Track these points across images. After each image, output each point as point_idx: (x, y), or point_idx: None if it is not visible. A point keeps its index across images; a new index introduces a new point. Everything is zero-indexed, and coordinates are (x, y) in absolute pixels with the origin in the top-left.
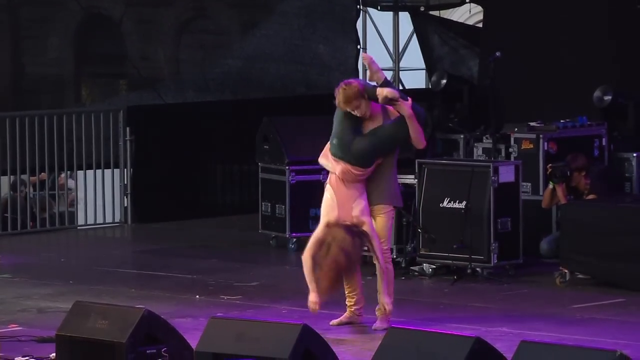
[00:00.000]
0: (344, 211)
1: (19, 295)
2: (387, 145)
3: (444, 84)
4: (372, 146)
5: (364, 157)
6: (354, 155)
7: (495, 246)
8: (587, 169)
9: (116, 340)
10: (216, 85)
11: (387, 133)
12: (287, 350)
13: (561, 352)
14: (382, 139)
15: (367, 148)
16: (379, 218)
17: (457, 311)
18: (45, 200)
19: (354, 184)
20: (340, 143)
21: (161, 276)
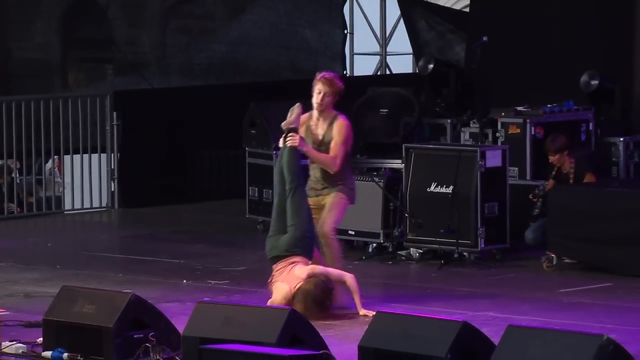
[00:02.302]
0: (290, 279)
1: (6, 280)
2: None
3: (430, 68)
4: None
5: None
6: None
7: (482, 231)
8: (569, 148)
9: (103, 325)
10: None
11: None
12: (275, 335)
13: (548, 336)
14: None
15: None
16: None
17: (444, 296)
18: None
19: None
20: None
21: (148, 261)
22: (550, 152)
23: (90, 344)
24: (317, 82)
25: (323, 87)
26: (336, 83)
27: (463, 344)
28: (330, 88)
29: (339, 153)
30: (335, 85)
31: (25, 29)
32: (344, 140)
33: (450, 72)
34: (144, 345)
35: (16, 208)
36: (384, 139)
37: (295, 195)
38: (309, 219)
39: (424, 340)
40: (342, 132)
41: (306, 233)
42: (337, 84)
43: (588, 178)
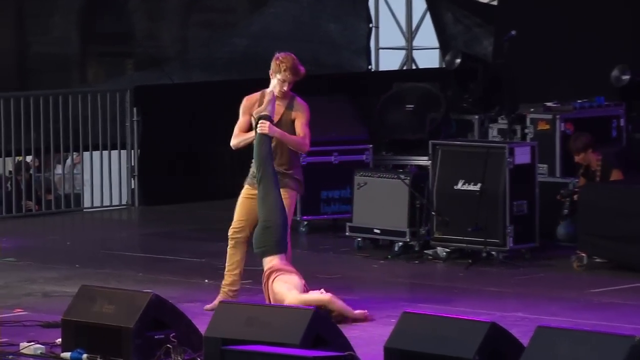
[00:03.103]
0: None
1: (24, 279)
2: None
3: (458, 63)
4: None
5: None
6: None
7: (510, 229)
8: (593, 145)
9: (123, 325)
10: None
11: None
12: (298, 336)
13: (578, 337)
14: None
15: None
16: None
17: (472, 296)
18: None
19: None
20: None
21: (169, 260)
22: (574, 151)
23: (109, 344)
24: (283, 72)
25: (289, 77)
26: (301, 72)
27: (491, 345)
28: (296, 78)
29: (307, 133)
30: (300, 74)
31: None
32: (308, 121)
33: (478, 66)
34: (165, 346)
35: (34, 206)
36: (409, 135)
37: (261, 184)
38: (278, 211)
39: (451, 341)
40: (305, 113)
41: (279, 229)
42: (302, 72)
43: (615, 175)
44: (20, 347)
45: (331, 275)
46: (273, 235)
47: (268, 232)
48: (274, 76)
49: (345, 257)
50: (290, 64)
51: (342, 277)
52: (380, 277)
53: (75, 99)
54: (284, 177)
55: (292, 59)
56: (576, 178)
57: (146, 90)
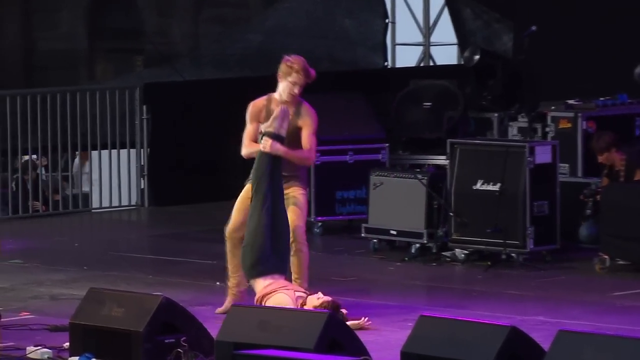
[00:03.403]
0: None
1: (31, 281)
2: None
3: (476, 59)
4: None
5: None
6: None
7: (531, 231)
8: (616, 145)
9: (132, 329)
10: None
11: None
12: (312, 340)
13: (601, 341)
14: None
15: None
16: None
17: (491, 299)
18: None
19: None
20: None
21: (179, 262)
22: (597, 151)
23: (118, 349)
24: (295, 73)
25: (301, 80)
26: (312, 74)
27: (511, 350)
28: (307, 80)
29: (313, 145)
30: (311, 77)
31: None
32: (315, 130)
33: (497, 63)
34: (176, 350)
35: (41, 206)
36: (427, 134)
37: (253, 201)
38: (259, 233)
39: (469, 345)
40: (312, 122)
41: (257, 251)
42: (313, 75)
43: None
44: (26, 352)
45: (346, 277)
46: (248, 258)
47: (245, 255)
48: (283, 79)
49: (360, 259)
50: (301, 65)
51: (358, 279)
52: (396, 280)
53: (83, 96)
54: (291, 178)
55: (303, 60)
56: (599, 178)
57: (156, 88)
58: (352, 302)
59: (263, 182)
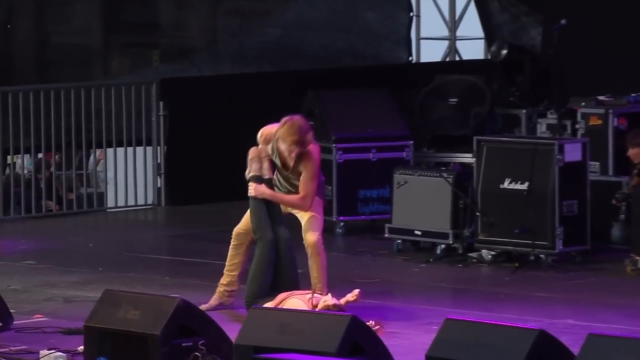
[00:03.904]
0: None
1: (44, 283)
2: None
3: (504, 54)
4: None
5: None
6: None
7: (560, 231)
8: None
9: (149, 332)
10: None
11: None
12: (334, 344)
13: (632, 345)
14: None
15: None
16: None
17: (519, 302)
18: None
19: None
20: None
21: (197, 263)
22: (630, 145)
23: (134, 352)
24: (290, 145)
25: (296, 149)
26: (308, 142)
27: (539, 354)
28: (302, 149)
29: (309, 191)
30: (306, 145)
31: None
32: (314, 175)
33: (525, 58)
34: (193, 354)
35: (55, 205)
36: (452, 131)
37: (258, 247)
38: (253, 282)
39: (496, 349)
40: (312, 166)
41: (254, 292)
42: (309, 141)
43: None
44: (40, 355)
45: (369, 279)
46: (249, 290)
47: (247, 287)
48: (281, 140)
49: (384, 260)
50: (297, 137)
51: (381, 281)
52: (421, 282)
53: (97, 92)
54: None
55: (299, 128)
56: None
57: (173, 83)
58: (375, 304)
59: (264, 227)
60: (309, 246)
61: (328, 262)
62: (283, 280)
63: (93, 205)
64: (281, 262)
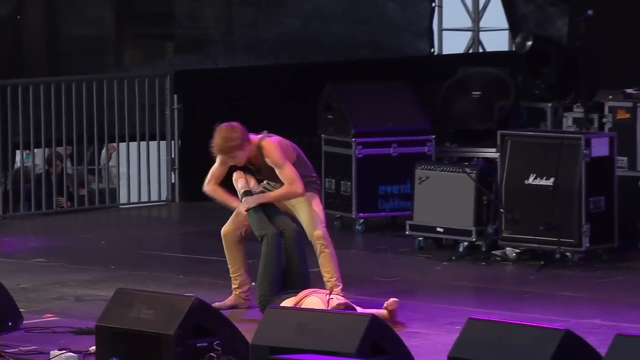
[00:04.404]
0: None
1: (55, 281)
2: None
3: (529, 46)
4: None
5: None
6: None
7: (587, 228)
8: None
9: (162, 332)
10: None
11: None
12: (354, 344)
13: None
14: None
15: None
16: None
17: (544, 301)
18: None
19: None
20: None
21: (212, 261)
22: None
23: (148, 353)
24: (221, 153)
25: (230, 159)
26: (235, 146)
27: (565, 355)
28: (232, 154)
29: (290, 176)
30: (234, 149)
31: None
32: (282, 160)
33: (551, 49)
34: (208, 355)
35: (66, 202)
36: (476, 125)
37: (262, 246)
38: (276, 269)
39: (521, 350)
40: (277, 156)
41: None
42: (236, 144)
43: None
44: (50, 356)
45: (390, 278)
46: (260, 291)
47: (258, 287)
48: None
49: (405, 258)
50: (218, 147)
51: (402, 280)
52: (443, 281)
53: (110, 85)
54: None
55: (221, 137)
56: None
57: (188, 76)
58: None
59: (264, 224)
60: (316, 241)
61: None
62: (293, 275)
63: (105, 202)
64: (290, 257)
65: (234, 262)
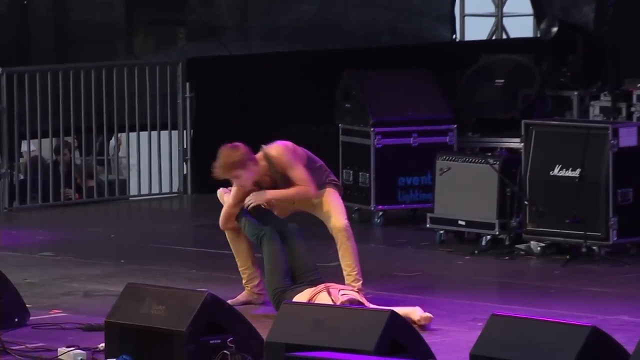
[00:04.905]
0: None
1: (63, 276)
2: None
3: (554, 32)
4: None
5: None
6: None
7: (614, 221)
8: None
9: (174, 328)
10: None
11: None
12: (372, 341)
13: None
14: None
15: None
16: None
17: (570, 297)
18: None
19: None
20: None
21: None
22: None
23: (159, 350)
24: (222, 175)
25: (233, 179)
26: (237, 165)
27: (592, 352)
28: (235, 173)
29: (301, 175)
30: (236, 168)
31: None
32: (292, 161)
33: (577, 36)
34: (222, 352)
35: (74, 194)
36: (499, 114)
37: (263, 246)
38: (282, 264)
39: (546, 348)
40: (283, 158)
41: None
42: (238, 160)
43: None
44: (58, 353)
45: (409, 272)
46: (270, 285)
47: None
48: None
49: (425, 252)
50: (219, 166)
51: (422, 274)
52: (465, 275)
53: (120, 72)
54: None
55: (223, 156)
56: None
57: (200, 63)
58: (416, 299)
59: (259, 226)
60: (338, 231)
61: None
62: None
63: (115, 194)
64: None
65: (239, 255)
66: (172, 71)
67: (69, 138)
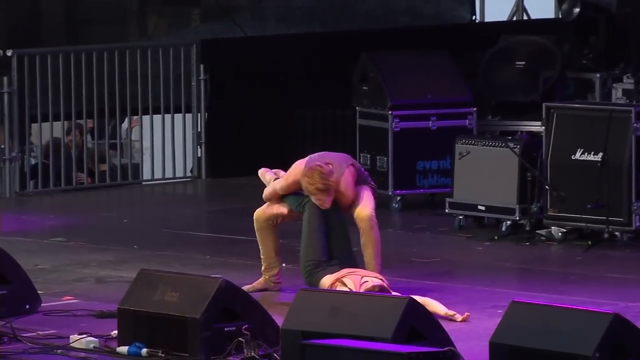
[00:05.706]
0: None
1: (75, 262)
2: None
3: (576, 13)
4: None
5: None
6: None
7: (637, 206)
8: None
9: (188, 315)
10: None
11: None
12: (390, 329)
13: None
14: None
15: None
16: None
17: (592, 283)
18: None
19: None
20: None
21: (241, 240)
22: None
23: (173, 337)
24: (317, 193)
25: (324, 197)
26: (332, 185)
27: (614, 340)
28: (330, 193)
29: (369, 202)
30: (331, 188)
31: None
32: (353, 184)
33: (600, 17)
34: (237, 339)
35: (86, 178)
36: (520, 96)
37: (304, 215)
38: (319, 236)
39: (567, 335)
40: (348, 184)
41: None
42: (333, 184)
43: None
44: (70, 340)
45: (428, 258)
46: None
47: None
48: (307, 191)
49: (444, 237)
50: (319, 185)
51: (441, 260)
52: (485, 262)
53: (133, 54)
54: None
55: (320, 173)
56: None
57: (214, 45)
58: (435, 286)
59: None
60: (362, 220)
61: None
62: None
63: (127, 178)
64: (333, 231)
65: (264, 245)
66: (186, 53)
67: (80, 121)
